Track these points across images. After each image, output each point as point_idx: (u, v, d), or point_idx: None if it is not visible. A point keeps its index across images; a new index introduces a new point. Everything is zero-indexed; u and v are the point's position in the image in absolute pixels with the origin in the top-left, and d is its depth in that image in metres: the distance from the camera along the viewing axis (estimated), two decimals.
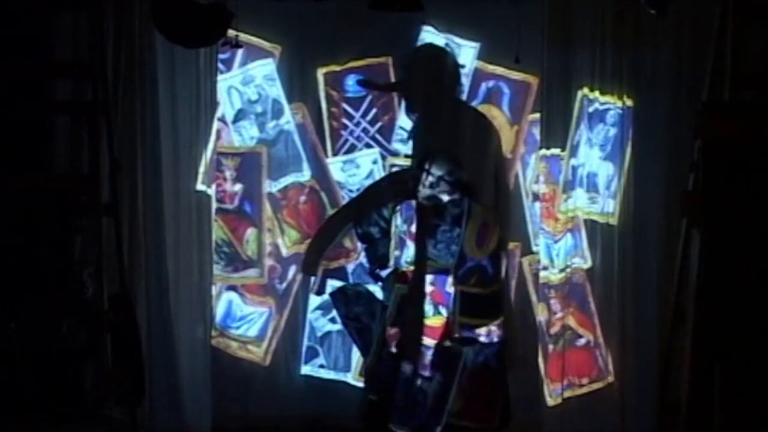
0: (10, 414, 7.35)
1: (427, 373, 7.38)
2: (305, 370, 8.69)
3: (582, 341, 8.45)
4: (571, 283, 8.41)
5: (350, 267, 7.83)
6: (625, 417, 8.30)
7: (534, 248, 8.50)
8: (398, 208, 7.56)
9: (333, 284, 7.77)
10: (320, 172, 8.67)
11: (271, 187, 8.65)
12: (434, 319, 7.38)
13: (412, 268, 7.45)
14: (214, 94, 8.40)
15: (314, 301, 8.56)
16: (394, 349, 7.47)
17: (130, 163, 8.18)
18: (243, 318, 8.72)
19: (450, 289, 7.36)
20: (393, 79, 8.59)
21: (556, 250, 8.36)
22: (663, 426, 7.82)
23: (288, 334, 8.69)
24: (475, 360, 7.40)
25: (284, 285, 8.71)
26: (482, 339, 7.37)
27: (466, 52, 8.55)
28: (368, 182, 8.56)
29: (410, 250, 7.47)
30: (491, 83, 8.57)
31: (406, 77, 8.48)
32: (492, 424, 7.44)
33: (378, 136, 8.65)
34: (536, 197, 8.52)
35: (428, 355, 7.36)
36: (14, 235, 7.65)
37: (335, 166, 8.66)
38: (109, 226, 7.73)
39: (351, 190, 8.62)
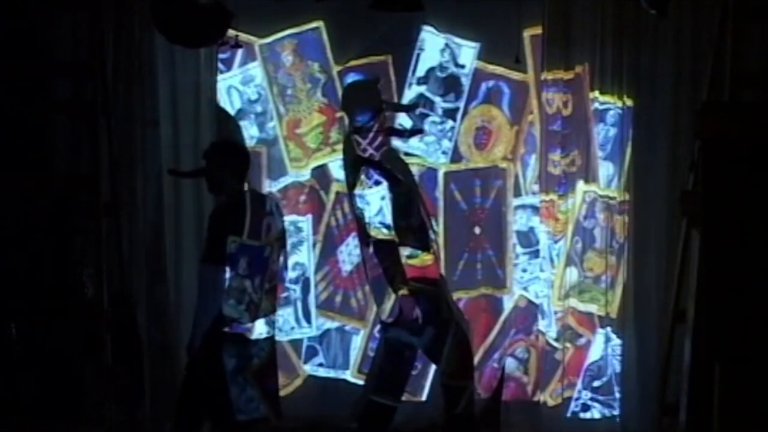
0: (10, 414, 7.36)
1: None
2: (305, 369, 8.69)
3: (582, 341, 8.45)
4: None
5: None
6: (625, 417, 8.31)
7: None
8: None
9: None
10: (320, 171, 8.67)
11: (270, 186, 8.64)
12: (423, 256, 7.17)
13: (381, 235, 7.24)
14: (214, 94, 8.39)
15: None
16: None
17: (130, 163, 8.19)
18: None
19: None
20: (393, 78, 8.57)
21: (556, 250, 8.35)
22: (663, 426, 7.82)
23: None
24: None
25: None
26: None
27: (466, 52, 8.55)
28: None
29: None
30: (491, 83, 8.56)
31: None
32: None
33: None
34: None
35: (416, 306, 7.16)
36: (14, 235, 7.66)
37: (335, 164, 8.64)
38: (109, 226, 7.73)
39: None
